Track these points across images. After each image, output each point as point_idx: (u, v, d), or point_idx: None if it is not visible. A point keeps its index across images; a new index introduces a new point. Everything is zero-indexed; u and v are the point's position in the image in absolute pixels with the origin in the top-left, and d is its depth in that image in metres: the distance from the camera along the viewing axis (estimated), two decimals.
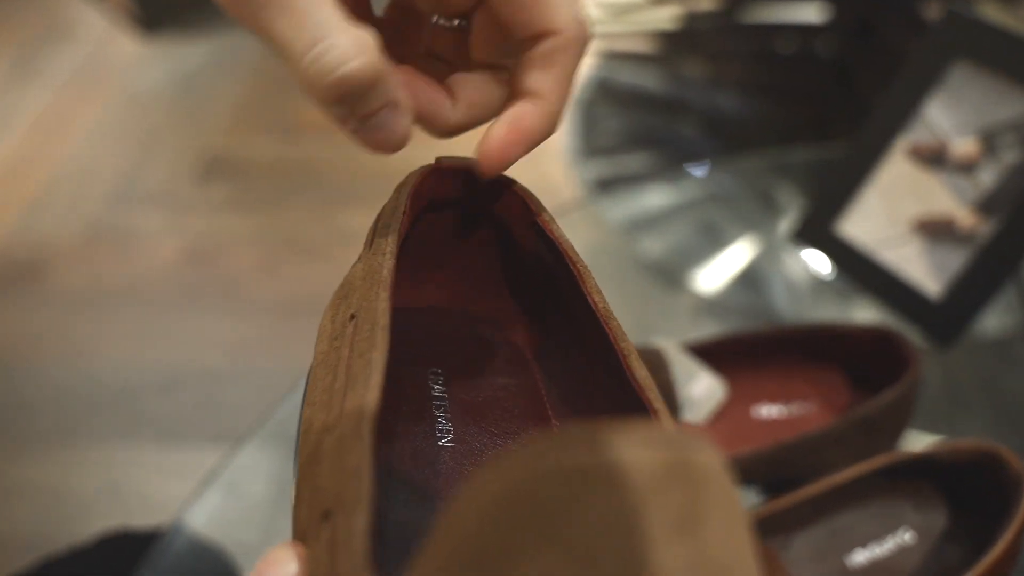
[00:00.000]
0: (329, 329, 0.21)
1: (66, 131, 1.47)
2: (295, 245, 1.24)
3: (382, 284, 0.19)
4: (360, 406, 0.16)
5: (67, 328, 1.13)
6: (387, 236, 0.21)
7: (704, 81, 1.29)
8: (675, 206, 0.72)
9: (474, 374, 0.25)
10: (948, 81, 0.49)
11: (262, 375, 1.05)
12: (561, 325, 0.25)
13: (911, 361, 0.37)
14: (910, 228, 0.50)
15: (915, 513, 0.37)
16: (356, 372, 0.17)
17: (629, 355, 0.20)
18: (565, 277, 0.23)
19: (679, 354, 0.41)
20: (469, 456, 0.22)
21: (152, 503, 0.92)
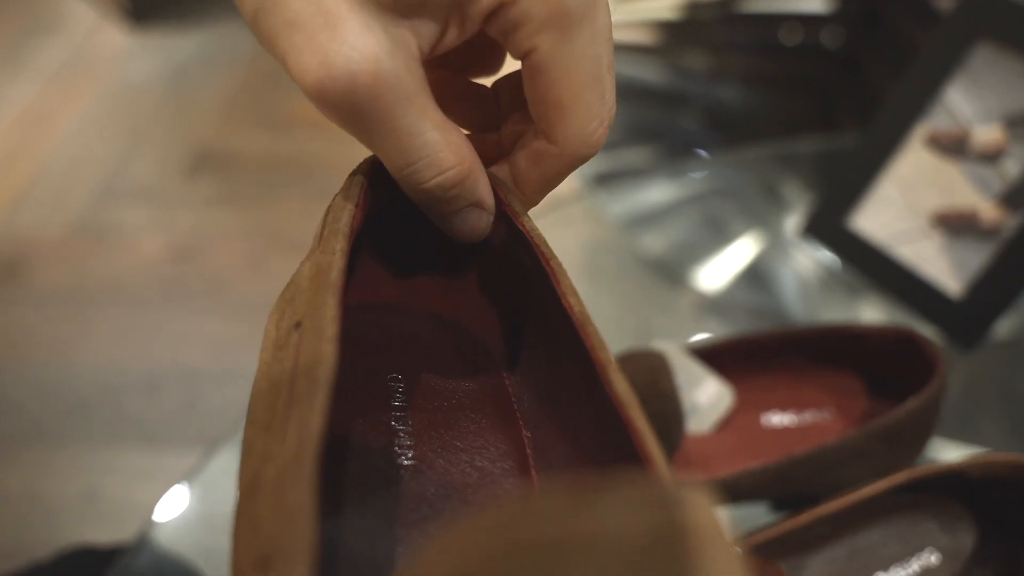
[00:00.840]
0: (273, 336, 0.18)
1: (52, 124, 1.44)
2: (284, 241, 1.20)
3: (331, 288, 0.17)
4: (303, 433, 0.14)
5: (48, 327, 1.10)
6: (337, 232, 0.19)
7: (706, 73, 1.26)
8: (676, 201, 0.70)
9: (437, 381, 0.22)
10: (969, 64, 0.45)
11: (248, 376, 1.01)
12: (532, 327, 0.23)
13: (936, 366, 0.34)
14: (929, 222, 0.47)
15: (941, 533, 0.34)
16: (300, 391, 0.15)
17: (608, 366, 0.17)
18: (537, 275, 0.21)
19: (683, 358, 0.38)
20: (432, 476, 0.20)
21: (132, 509, 0.89)
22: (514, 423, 0.22)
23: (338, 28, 0.17)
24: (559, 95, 0.19)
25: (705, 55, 1.23)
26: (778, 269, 0.62)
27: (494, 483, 0.20)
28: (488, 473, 0.20)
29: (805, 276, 0.59)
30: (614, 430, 0.17)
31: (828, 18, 1.13)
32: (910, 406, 0.33)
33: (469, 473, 0.20)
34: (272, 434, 0.15)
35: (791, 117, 1.20)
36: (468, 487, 0.20)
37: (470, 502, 0.19)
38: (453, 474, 0.20)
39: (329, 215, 0.20)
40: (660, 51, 1.25)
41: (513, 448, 0.21)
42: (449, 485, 0.20)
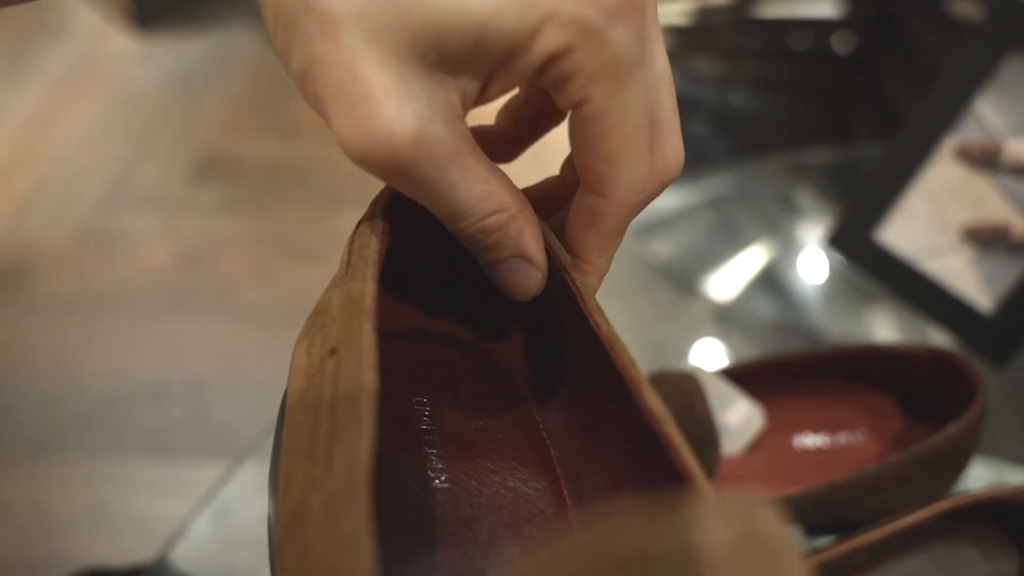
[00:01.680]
0: (305, 363, 0.18)
1: (57, 130, 1.43)
2: (291, 247, 1.20)
3: (365, 314, 0.17)
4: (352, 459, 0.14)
5: (54, 335, 1.09)
6: (366, 258, 0.19)
7: (716, 78, 1.25)
8: (687, 207, 0.69)
9: (463, 402, 0.22)
10: (1001, 75, 0.44)
11: (256, 385, 1.01)
12: (556, 346, 0.23)
13: (978, 389, 0.33)
14: (958, 236, 0.46)
15: (983, 561, 0.33)
16: (343, 417, 0.15)
17: (640, 384, 0.17)
18: (562, 295, 0.21)
19: (713, 378, 0.37)
20: (466, 498, 0.20)
21: (142, 522, 0.88)
22: (541, 442, 0.22)
23: (377, 100, 0.16)
24: (610, 147, 0.19)
25: (716, 60, 1.22)
26: (791, 277, 0.61)
27: (528, 503, 0.20)
28: (521, 493, 0.20)
29: (819, 284, 0.59)
30: (648, 447, 0.17)
31: (839, 23, 1.13)
32: (952, 431, 0.32)
33: (503, 494, 0.20)
34: (315, 462, 0.15)
35: (802, 121, 1.19)
36: (503, 508, 0.20)
37: (508, 523, 0.19)
38: (487, 495, 0.20)
39: (355, 241, 0.20)
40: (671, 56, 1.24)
41: (543, 467, 0.21)
42: (484, 506, 0.20)
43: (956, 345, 0.46)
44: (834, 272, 0.58)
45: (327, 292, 0.20)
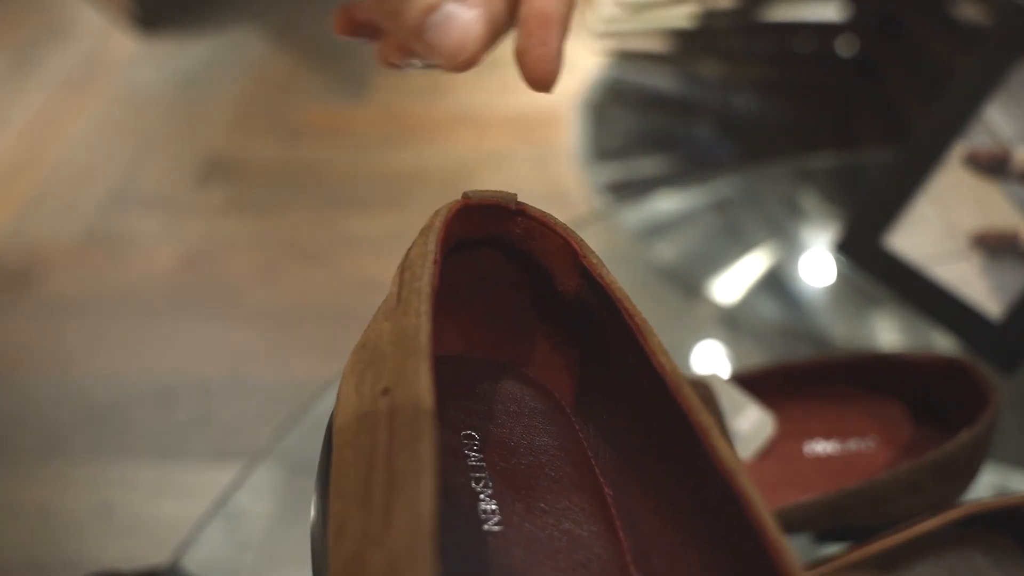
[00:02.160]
0: (355, 401, 0.17)
1: (61, 132, 1.44)
2: (296, 250, 1.20)
3: (421, 354, 0.16)
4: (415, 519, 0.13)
5: (59, 337, 1.10)
6: (419, 292, 0.18)
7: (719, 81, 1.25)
8: (691, 210, 0.69)
9: (511, 436, 0.21)
10: (1010, 82, 0.45)
11: (261, 388, 1.01)
12: (609, 381, 0.22)
13: (989, 398, 0.33)
14: (967, 242, 0.46)
15: (995, 569, 0.33)
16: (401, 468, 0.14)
17: (710, 431, 0.16)
18: (617, 329, 0.20)
19: (724, 384, 0.37)
20: (520, 542, 0.18)
21: (147, 524, 0.88)
22: (594, 480, 0.21)
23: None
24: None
25: (720, 63, 1.22)
26: (796, 280, 0.61)
27: (584, 548, 0.19)
28: (576, 536, 0.19)
29: (823, 287, 0.59)
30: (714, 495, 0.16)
31: (843, 27, 1.13)
32: (963, 438, 0.32)
33: (557, 537, 0.19)
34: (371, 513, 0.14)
35: (806, 124, 1.19)
36: (559, 553, 0.19)
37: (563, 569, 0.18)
38: (541, 539, 0.19)
39: (406, 272, 0.19)
40: (675, 60, 1.24)
41: (598, 508, 0.20)
42: (539, 551, 0.19)
43: (964, 351, 0.46)
44: (839, 275, 0.58)
45: (376, 324, 0.19)
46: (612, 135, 1.29)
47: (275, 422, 0.94)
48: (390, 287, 0.20)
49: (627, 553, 0.19)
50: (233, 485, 0.42)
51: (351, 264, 1.16)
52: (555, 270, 0.22)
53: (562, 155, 1.28)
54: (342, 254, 1.18)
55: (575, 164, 1.26)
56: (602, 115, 1.32)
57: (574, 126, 1.32)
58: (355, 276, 1.14)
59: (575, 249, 0.21)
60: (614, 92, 1.34)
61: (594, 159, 1.26)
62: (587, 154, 1.27)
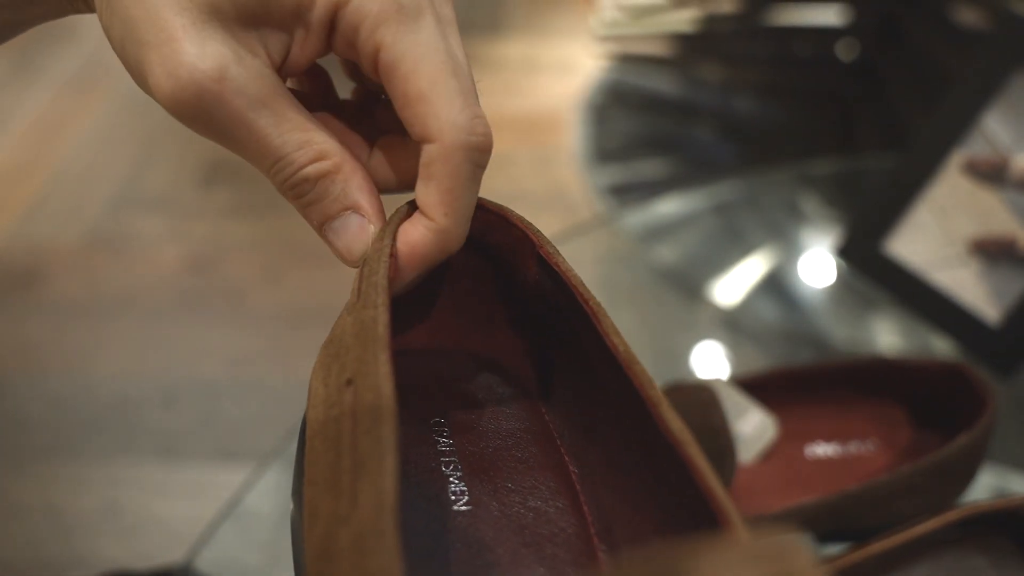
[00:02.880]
0: (322, 394, 0.18)
1: (65, 134, 1.44)
2: (299, 252, 1.21)
3: (379, 344, 0.17)
4: (378, 496, 0.14)
5: (64, 338, 1.10)
6: (375, 285, 0.19)
7: (720, 84, 1.26)
8: (692, 213, 0.70)
9: (479, 421, 0.22)
10: (1008, 91, 0.45)
11: (265, 389, 1.01)
12: (570, 364, 0.23)
13: (987, 401, 0.34)
14: (966, 248, 0.47)
15: (992, 569, 0.34)
16: (365, 451, 0.15)
17: (659, 404, 0.17)
18: (574, 314, 0.21)
19: (727, 388, 0.38)
20: (488, 519, 0.20)
21: (155, 523, 0.89)
22: (559, 459, 0.22)
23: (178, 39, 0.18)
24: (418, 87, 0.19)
25: (721, 67, 1.23)
26: (796, 282, 0.62)
27: (550, 522, 0.20)
28: (543, 512, 0.20)
29: (823, 289, 0.59)
30: (669, 467, 0.17)
31: (843, 31, 1.14)
32: (961, 441, 0.33)
33: (524, 514, 0.20)
34: (340, 496, 0.15)
35: (806, 126, 1.20)
36: (525, 528, 0.20)
37: (530, 543, 0.19)
38: (509, 516, 0.20)
39: (364, 267, 0.20)
40: (676, 63, 1.25)
41: (563, 485, 0.21)
42: (507, 528, 0.20)
43: (962, 355, 0.47)
44: (839, 278, 0.59)
45: (340, 320, 0.20)
46: (613, 137, 1.30)
47: (279, 422, 0.94)
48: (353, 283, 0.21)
49: (591, 526, 0.20)
50: (244, 486, 0.43)
51: None
52: (515, 261, 0.23)
53: (564, 157, 1.29)
54: None
55: (577, 166, 1.27)
56: (604, 117, 1.33)
57: (576, 128, 1.33)
58: None
59: (533, 240, 0.22)
60: (615, 94, 1.35)
61: (595, 161, 1.27)
62: (588, 156, 1.28)
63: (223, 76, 0.18)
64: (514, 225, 0.22)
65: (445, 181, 0.19)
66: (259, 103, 0.19)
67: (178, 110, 0.18)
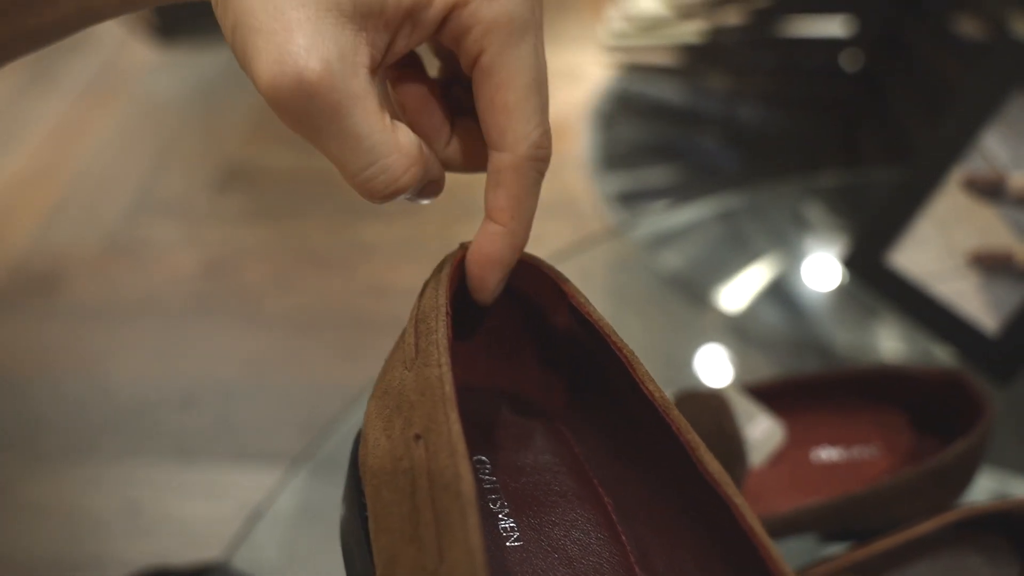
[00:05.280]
0: (385, 445, 0.19)
1: (82, 140, 1.46)
2: (313, 256, 1.23)
3: (448, 402, 0.18)
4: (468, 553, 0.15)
5: (83, 342, 1.12)
6: (436, 344, 0.20)
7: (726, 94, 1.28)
8: (698, 221, 0.71)
9: (517, 457, 0.24)
10: (1006, 111, 0.47)
11: (280, 391, 1.03)
12: (599, 403, 0.24)
13: (984, 408, 0.36)
14: (965, 261, 0.49)
15: (988, 567, 0.35)
16: (447, 507, 0.16)
17: (697, 448, 0.19)
18: (608, 361, 0.22)
19: (736, 395, 0.40)
20: (539, 553, 0.21)
21: (173, 523, 0.91)
22: (594, 491, 0.23)
23: (293, 31, 0.18)
24: (506, 98, 0.20)
25: (727, 76, 1.25)
26: (800, 289, 0.63)
27: (594, 553, 0.21)
28: (586, 545, 0.22)
29: (827, 297, 0.61)
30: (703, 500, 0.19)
31: (847, 42, 1.15)
32: (959, 447, 0.35)
33: (570, 547, 0.21)
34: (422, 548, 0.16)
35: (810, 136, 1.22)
36: (573, 560, 0.21)
37: (579, 573, 0.21)
38: (557, 549, 0.21)
39: (421, 325, 0.21)
40: (683, 73, 1.27)
41: (601, 517, 0.23)
42: (557, 561, 0.21)
43: (962, 364, 0.49)
44: (843, 286, 0.60)
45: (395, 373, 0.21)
46: (621, 145, 1.32)
47: (294, 424, 0.96)
48: (404, 337, 0.21)
49: (631, 554, 0.22)
50: (278, 488, 0.45)
51: (366, 270, 1.19)
52: (545, 307, 0.24)
53: (572, 164, 1.30)
54: (358, 261, 1.20)
55: (584, 173, 1.29)
56: (611, 125, 1.35)
57: (584, 136, 1.34)
58: (370, 282, 1.17)
59: (564, 290, 0.23)
60: (623, 103, 1.37)
61: (603, 169, 1.29)
62: (596, 164, 1.30)
63: (326, 71, 0.18)
64: (546, 275, 0.23)
65: (513, 188, 0.21)
66: (351, 101, 0.19)
67: (275, 98, 0.19)
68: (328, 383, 1.02)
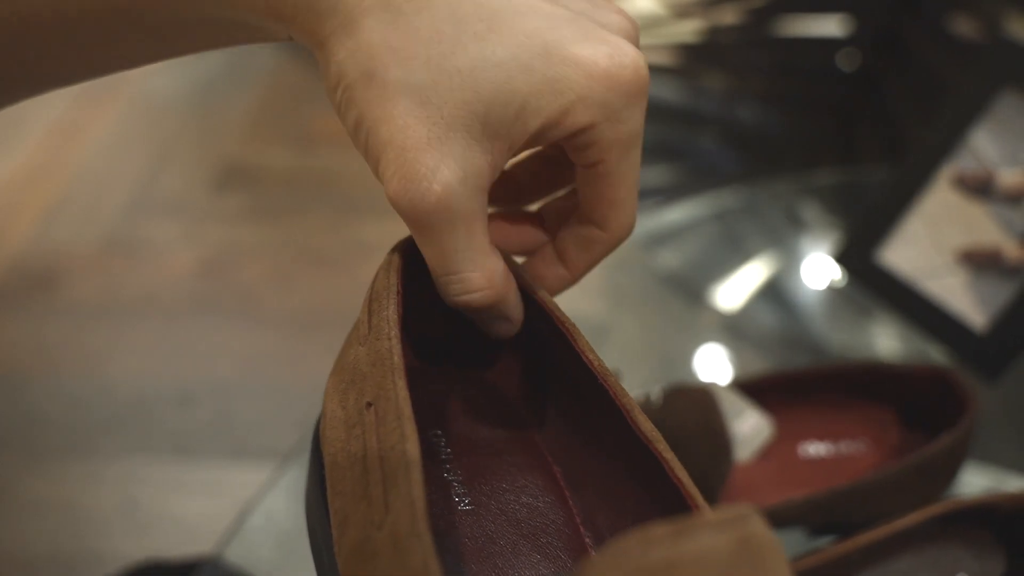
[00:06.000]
0: (341, 415, 0.21)
1: (82, 139, 1.47)
2: (310, 256, 1.23)
3: (396, 371, 0.20)
4: (411, 503, 0.16)
5: (81, 339, 1.13)
6: (387, 319, 0.21)
7: (723, 93, 1.28)
8: (695, 219, 0.72)
9: (472, 431, 0.25)
10: (995, 110, 0.48)
11: (278, 389, 1.04)
12: (553, 380, 0.26)
13: (969, 404, 0.36)
14: (954, 258, 0.49)
15: (973, 560, 0.36)
16: (393, 465, 0.18)
17: (632, 410, 0.21)
18: (552, 334, 0.24)
19: (725, 390, 0.40)
20: (488, 516, 0.23)
21: (171, 520, 0.91)
22: (544, 460, 0.25)
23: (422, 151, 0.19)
24: (617, 195, 0.23)
25: (724, 76, 1.25)
26: (795, 288, 0.64)
27: (541, 515, 0.23)
28: (534, 507, 0.23)
29: (821, 296, 0.61)
30: (643, 463, 0.20)
31: (844, 41, 1.16)
32: (944, 442, 0.35)
33: (518, 509, 0.23)
34: (371, 504, 0.18)
35: (807, 135, 1.22)
36: (521, 522, 0.23)
37: (526, 535, 0.23)
38: (506, 512, 0.23)
39: (374, 303, 0.22)
40: (679, 72, 1.27)
41: (549, 483, 0.24)
42: (504, 522, 0.23)
43: (952, 360, 0.49)
44: (837, 284, 0.60)
45: (351, 349, 0.22)
46: None
47: (292, 422, 0.97)
48: (358, 317, 0.23)
49: (577, 516, 0.23)
50: (268, 483, 0.45)
51: (365, 269, 1.19)
52: None
53: None
54: (356, 259, 1.21)
55: None
56: None
57: None
58: (369, 281, 1.17)
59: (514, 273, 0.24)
60: None
61: None
62: None
63: (447, 194, 0.20)
64: None
65: (599, 257, 0.24)
66: (461, 223, 0.21)
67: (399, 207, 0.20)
68: (326, 381, 1.02)
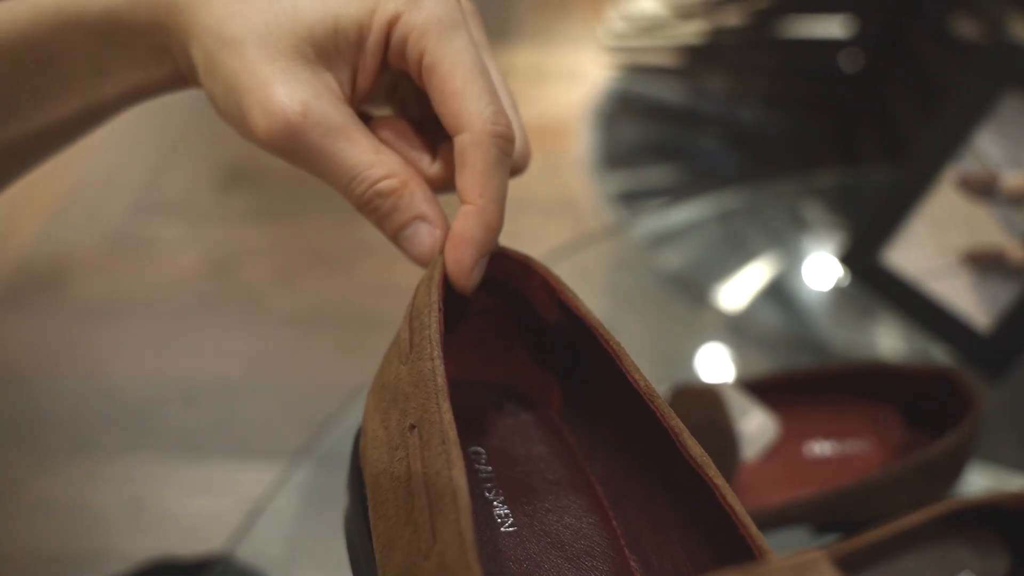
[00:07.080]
0: (383, 437, 0.20)
1: (87, 140, 1.47)
2: (315, 256, 1.23)
3: (440, 393, 0.19)
4: (461, 533, 0.16)
5: (87, 339, 1.13)
6: (429, 339, 0.21)
7: (726, 94, 1.28)
8: (698, 220, 0.72)
9: (512, 447, 0.25)
10: (998, 112, 0.48)
11: (282, 389, 1.04)
12: (589, 394, 0.25)
13: (973, 403, 0.36)
14: (958, 259, 0.49)
15: (977, 559, 0.36)
16: (439, 491, 0.17)
17: (681, 433, 0.20)
18: (594, 353, 0.23)
19: (731, 390, 0.40)
20: (531, 538, 0.22)
21: (176, 519, 0.92)
22: (586, 479, 0.24)
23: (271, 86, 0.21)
24: (453, 85, 0.22)
25: (726, 77, 1.25)
26: (798, 288, 0.64)
27: (585, 538, 0.22)
28: (577, 529, 0.23)
29: (824, 295, 0.61)
30: (691, 487, 0.20)
31: (847, 43, 1.16)
32: (948, 441, 0.35)
33: (562, 531, 0.22)
34: (417, 531, 0.17)
35: (809, 136, 1.22)
36: (565, 544, 0.22)
37: (571, 558, 0.22)
38: (549, 534, 0.22)
39: (415, 321, 0.22)
40: (683, 73, 1.27)
41: (592, 503, 0.23)
42: (549, 545, 0.22)
43: (956, 360, 0.50)
44: (840, 285, 0.61)
45: (391, 368, 0.22)
46: (621, 145, 1.33)
47: (296, 421, 0.97)
48: (400, 334, 0.22)
49: (621, 538, 0.23)
50: (277, 483, 0.45)
51: (368, 270, 1.20)
52: (536, 303, 0.25)
53: (572, 164, 1.31)
54: (360, 260, 1.21)
55: (584, 173, 1.29)
56: (611, 126, 1.36)
57: (584, 136, 1.35)
58: (372, 281, 1.18)
59: (553, 286, 0.24)
60: (623, 103, 1.38)
61: (603, 168, 1.29)
62: (596, 164, 1.30)
63: (306, 111, 0.21)
64: (535, 272, 0.24)
65: (478, 165, 0.22)
66: (335, 131, 0.22)
67: (272, 142, 0.22)
68: (330, 380, 1.02)
